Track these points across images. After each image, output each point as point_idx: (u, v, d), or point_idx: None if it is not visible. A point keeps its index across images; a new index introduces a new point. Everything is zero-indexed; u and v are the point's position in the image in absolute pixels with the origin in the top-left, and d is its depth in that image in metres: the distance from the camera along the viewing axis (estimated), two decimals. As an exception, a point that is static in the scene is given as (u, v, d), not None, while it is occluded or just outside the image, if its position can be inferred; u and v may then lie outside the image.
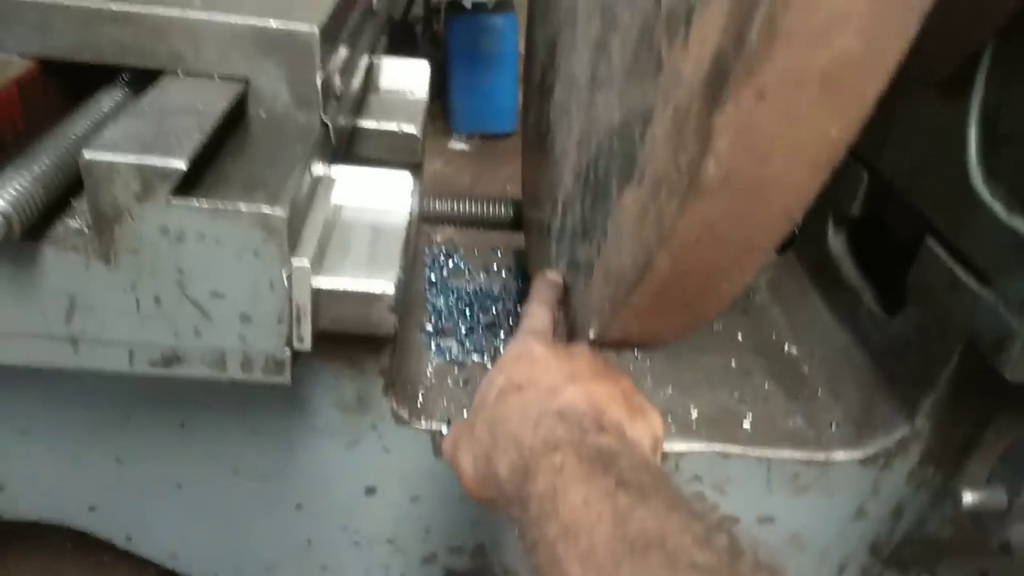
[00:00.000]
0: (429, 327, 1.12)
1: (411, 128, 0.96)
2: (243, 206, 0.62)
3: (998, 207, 0.83)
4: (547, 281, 0.76)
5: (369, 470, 0.96)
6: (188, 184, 0.62)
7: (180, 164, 0.59)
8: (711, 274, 0.44)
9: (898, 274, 1.00)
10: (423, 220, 1.33)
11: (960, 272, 0.86)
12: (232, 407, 0.90)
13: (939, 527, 0.99)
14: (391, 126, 0.96)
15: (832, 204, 1.15)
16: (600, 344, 0.63)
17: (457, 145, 4.19)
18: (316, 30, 0.70)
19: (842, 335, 1.09)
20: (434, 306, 1.15)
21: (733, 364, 1.09)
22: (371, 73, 1.08)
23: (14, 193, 0.57)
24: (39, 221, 0.62)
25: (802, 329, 1.15)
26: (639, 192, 0.43)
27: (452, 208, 1.35)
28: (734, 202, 0.35)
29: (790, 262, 1.28)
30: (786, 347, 1.13)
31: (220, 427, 0.91)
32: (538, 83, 1.11)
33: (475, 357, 1.06)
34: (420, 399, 0.98)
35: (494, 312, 1.14)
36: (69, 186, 0.65)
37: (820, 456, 0.96)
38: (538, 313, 0.70)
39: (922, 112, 0.95)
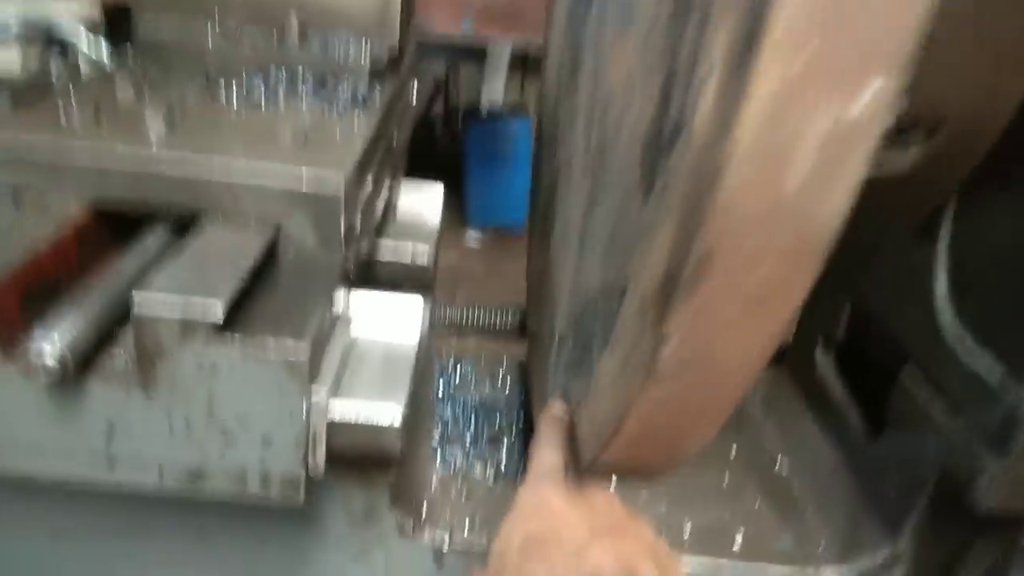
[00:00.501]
0: (436, 436, 1.18)
1: (424, 259, 1.05)
2: (271, 344, 0.70)
3: (965, 343, 0.89)
4: (553, 419, 0.75)
5: (374, 580, 1.00)
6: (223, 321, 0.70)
7: (219, 311, 0.66)
8: (676, 431, 0.50)
9: (881, 397, 1.06)
10: (432, 327, 1.41)
11: (933, 403, 0.92)
12: (247, 518, 0.96)
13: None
14: (406, 257, 1.05)
15: (820, 327, 1.21)
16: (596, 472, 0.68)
17: (472, 239, 4.33)
18: (342, 189, 0.79)
19: (831, 454, 1.14)
20: (441, 416, 1.21)
21: (726, 481, 1.14)
22: (390, 197, 1.18)
23: (70, 337, 0.65)
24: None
25: (793, 447, 1.19)
26: (612, 361, 0.50)
27: (460, 317, 1.43)
28: (684, 387, 0.41)
29: (784, 376, 1.34)
30: (777, 465, 1.18)
31: (235, 537, 0.97)
32: (541, 211, 1.20)
33: (479, 468, 1.11)
34: (424, 511, 1.03)
35: (498, 424, 1.19)
36: (116, 320, 0.73)
37: (808, 574, 0.99)
38: (547, 456, 0.69)
39: (898, 250, 1.02)
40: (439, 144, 4.87)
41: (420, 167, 1.44)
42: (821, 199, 0.34)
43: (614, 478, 0.75)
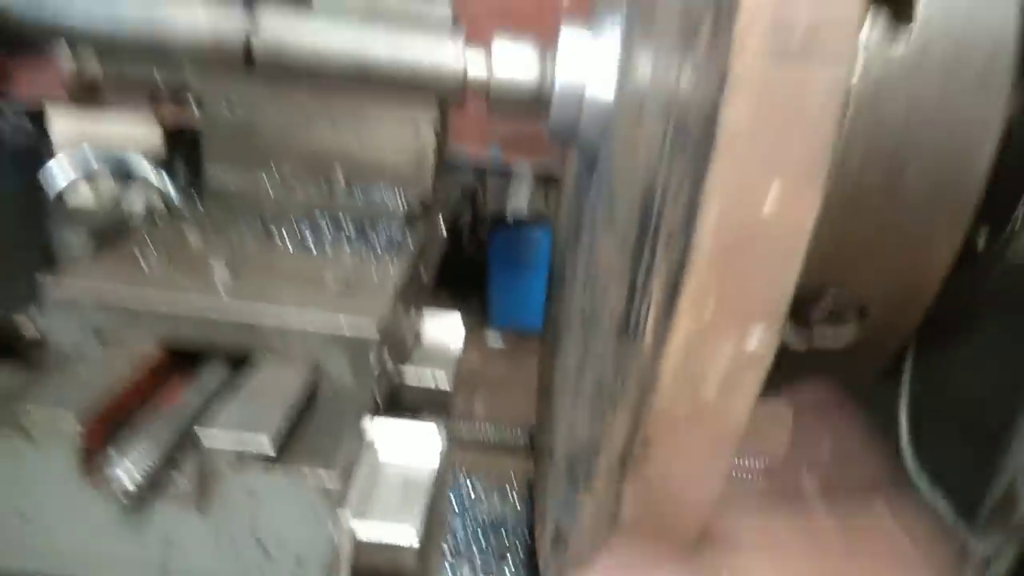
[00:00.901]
0: (446, 548, 1.27)
1: (444, 384, 1.17)
2: (307, 472, 0.82)
3: (923, 484, 0.98)
4: None
5: None
6: (269, 453, 0.82)
7: (268, 446, 0.79)
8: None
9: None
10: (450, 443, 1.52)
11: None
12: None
13: None
14: (428, 383, 1.17)
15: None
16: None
17: (494, 340, 4.46)
18: (376, 334, 0.93)
19: None
20: (452, 530, 1.31)
21: None
22: (415, 325, 1.32)
23: (144, 465, 0.78)
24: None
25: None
26: (590, 507, 0.61)
27: (473, 434, 1.54)
28: (643, 534, 0.52)
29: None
30: None
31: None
32: (552, 331, 1.33)
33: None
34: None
35: (507, 540, 1.28)
36: (179, 447, 0.86)
37: None
38: None
39: (868, 394, 1.13)
40: (466, 251, 5.08)
41: (447, 271, 1.57)
42: (729, 407, 0.46)
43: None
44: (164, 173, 1.70)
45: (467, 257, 5.00)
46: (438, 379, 1.20)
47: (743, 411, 0.47)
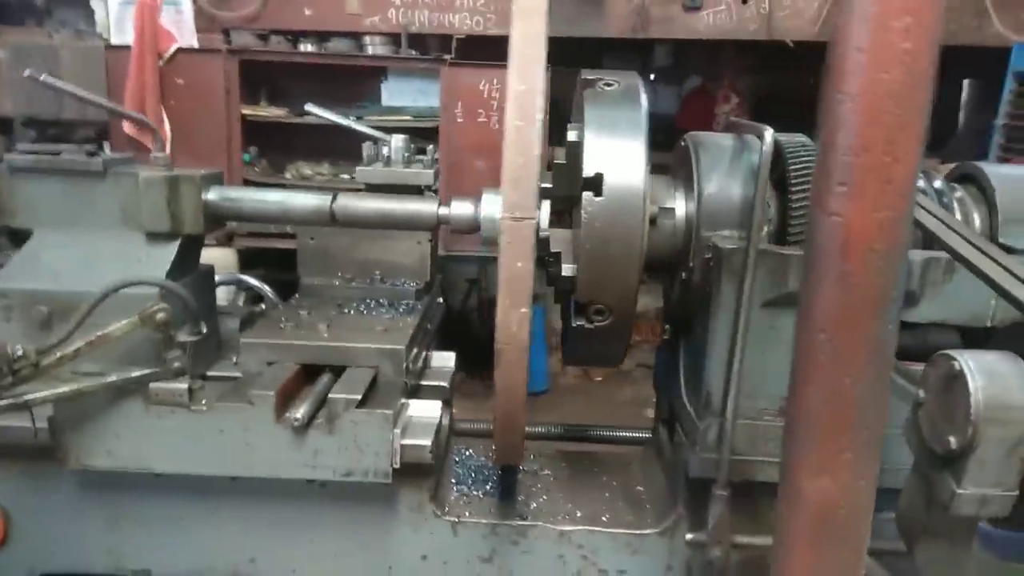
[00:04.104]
0: (453, 478, 2.12)
1: (445, 381, 2.07)
2: (378, 412, 1.71)
3: (687, 400, 1.86)
4: None
5: None
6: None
7: (358, 400, 1.69)
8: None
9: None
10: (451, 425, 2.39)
11: (681, 434, 1.88)
12: (353, 497, 1.91)
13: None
14: (435, 381, 2.07)
15: (658, 414, 2.18)
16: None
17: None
18: (403, 350, 1.84)
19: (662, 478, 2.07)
20: (458, 474, 2.16)
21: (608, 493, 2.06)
22: (426, 356, 2.21)
23: (304, 413, 1.68)
24: (307, 420, 1.72)
25: (650, 476, 2.13)
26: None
27: (467, 427, 2.42)
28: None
29: (648, 451, 2.28)
30: (638, 486, 2.10)
31: (346, 509, 1.92)
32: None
33: (479, 491, 2.05)
34: (447, 507, 1.97)
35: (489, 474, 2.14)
36: (317, 404, 1.75)
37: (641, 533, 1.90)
38: None
39: (672, 360, 2.02)
40: (474, 329, 5.99)
41: (461, 350, 2.43)
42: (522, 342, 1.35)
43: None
44: (264, 284, 2.67)
45: (475, 335, 5.92)
46: (442, 380, 2.10)
47: (523, 336, 1.36)
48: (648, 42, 5.80)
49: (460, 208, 1.89)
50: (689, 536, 1.78)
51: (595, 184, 1.54)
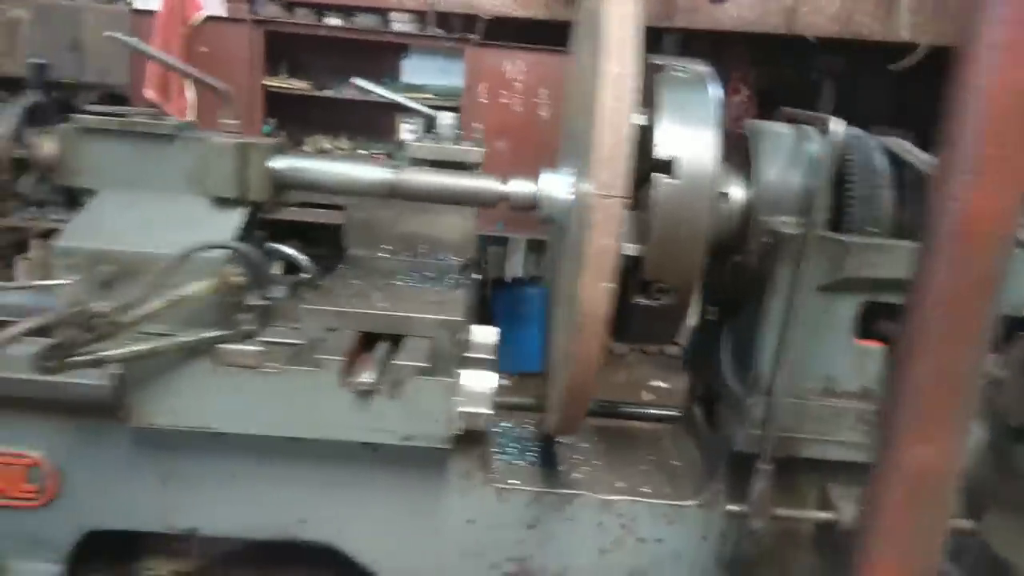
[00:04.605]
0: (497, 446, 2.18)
1: (491, 354, 2.12)
2: (440, 379, 1.76)
3: (731, 378, 1.93)
4: None
5: None
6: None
7: (422, 368, 1.74)
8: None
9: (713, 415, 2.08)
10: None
11: (724, 411, 1.95)
12: (411, 462, 1.96)
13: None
14: (480, 354, 2.12)
15: (693, 392, 2.25)
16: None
17: (501, 381, 5.36)
18: (461, 319, 1.88)
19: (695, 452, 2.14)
20: (501, 443, 2.22)
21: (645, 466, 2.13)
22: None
23: (371, 377, 1.72)
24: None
25: (684, 451, 2.19)
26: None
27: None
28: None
29: (680, 428, 2.35)
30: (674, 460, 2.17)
31: (403, 472, 1.97)
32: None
33: (523, 460, 2.11)
34: (495, 474, 2.02)
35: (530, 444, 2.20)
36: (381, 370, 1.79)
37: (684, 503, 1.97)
38: None
39: (713, 339, 2.08)
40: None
41: None
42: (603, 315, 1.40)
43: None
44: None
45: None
46: (486, 353, 2.15)
47: (603, 310, 1.41)
48: (657, 32, 5.83)
49: (519, 186, 1.94)
50: (731, 507, 1.85)
51: (668, 167, 1.59)
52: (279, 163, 1.92)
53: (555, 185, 1.89)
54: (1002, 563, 1.50)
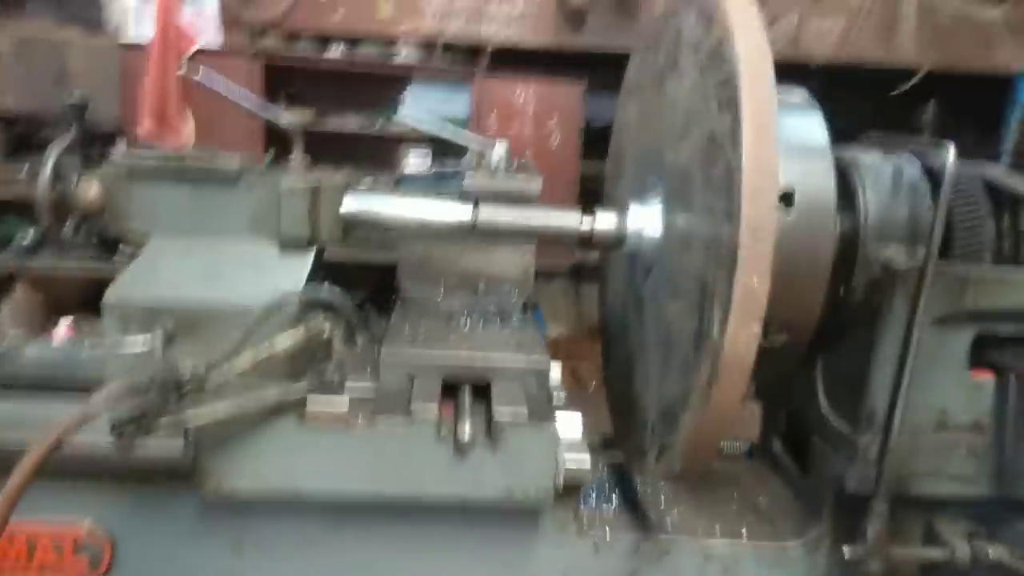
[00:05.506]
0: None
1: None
2: (543, 426, 1.64)
3: (832, 416, 1.86)
4: None
5: None
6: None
7: (526, 416, 1.62)
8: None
9: (804, 455, 2.01)
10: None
11: (824, 448, 1.87)
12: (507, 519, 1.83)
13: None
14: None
15: (772, 428, 2.18)
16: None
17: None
18: (549, 367, 1.77)
19: (784, 490, 2.06)
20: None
21: (734, 508, 2.04)
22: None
23: (468, 431, 1.60)
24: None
25: (766, 492, 2.11)
26: (688, 422, 1.46)
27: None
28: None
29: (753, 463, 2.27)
30: (760, 500, 2.08)
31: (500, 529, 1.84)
32: (620, 367, 2.18)
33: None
34: (586, 526, 1.91)
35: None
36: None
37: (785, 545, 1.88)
38: None
39: (803, 372, 2.01)
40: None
41: None
42: (747, 360, 1.31)
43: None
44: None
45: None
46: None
47: (752, 356, 1.33)
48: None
49: (605, 220, 1.85)
50: (847, 549, 1.77)
51: (789, 198, 1.52)
52: (352, 204, 1.80)
53: (645, 219, 1.81)
54: None
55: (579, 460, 1.69)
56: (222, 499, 1.64)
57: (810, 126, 1.62)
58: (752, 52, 1.34)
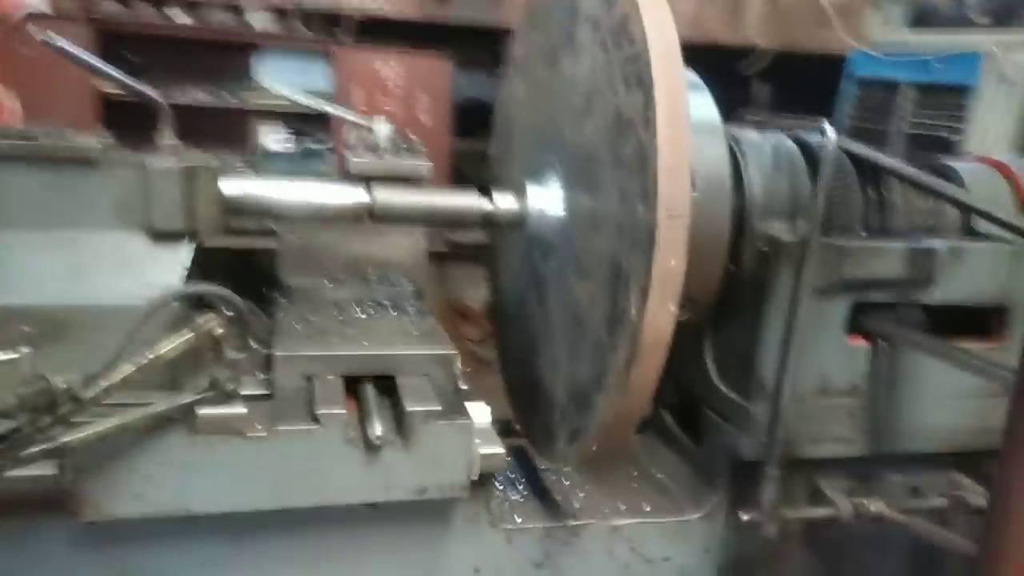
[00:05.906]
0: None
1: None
2: (458, 420, 1.59)
3: (723, 386, 1.94)
4: None
5: None
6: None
7: (440, 410, 1.56)
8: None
9: (694, 426, 2.09)
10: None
11: (716, 419, 1.95)
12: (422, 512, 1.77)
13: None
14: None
15: (663, 402, 2.25)
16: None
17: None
18: (455, 353, 1.72)
19: (678, 460, 2.14)
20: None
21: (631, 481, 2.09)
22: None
23: (379, 431, 1.52)
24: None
25: (660, 463, 2.18)
26: (605, 406, 1.47)
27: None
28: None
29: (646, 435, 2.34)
30: (655, 472, 2.15)
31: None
32: (517, 349, 2.16)
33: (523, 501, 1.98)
34: (497, 515, 1.88)
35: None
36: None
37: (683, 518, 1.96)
38: None
39: (691, 346, 2.08)
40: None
41: None
42: (664, 340, 1.34)
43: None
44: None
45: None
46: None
47: (669, 336, 1.35)
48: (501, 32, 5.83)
49: (505, 202, 1.82)
50: (744, 515, 1.86)
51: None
52: (232, 188, 1.65)
53: (545, 199, 1.79)
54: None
55: (492, 448, 1.66)
56: (102, 526, 1.46)
57: (704, 104, 1.66)
58: (660, 29, 1.34)
